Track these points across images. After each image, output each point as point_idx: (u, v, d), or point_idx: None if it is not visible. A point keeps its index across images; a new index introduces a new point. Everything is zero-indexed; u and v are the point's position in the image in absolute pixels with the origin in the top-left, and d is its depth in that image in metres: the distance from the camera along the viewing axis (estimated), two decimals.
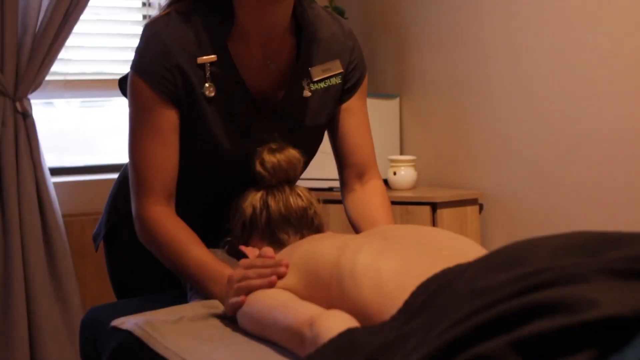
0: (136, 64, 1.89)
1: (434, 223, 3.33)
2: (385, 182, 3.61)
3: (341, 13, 3.87)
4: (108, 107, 3.97)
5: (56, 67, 3.44)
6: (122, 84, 2.06)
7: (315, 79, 1.99)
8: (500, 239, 3.49)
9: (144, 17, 3.81)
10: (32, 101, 3.31)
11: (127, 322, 1.66)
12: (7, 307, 3.21)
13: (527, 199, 3.39)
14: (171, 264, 1.86)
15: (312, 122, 2.03)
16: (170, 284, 2.09)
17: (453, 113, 3.68)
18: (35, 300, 3.24)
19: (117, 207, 2.22)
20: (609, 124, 3.07)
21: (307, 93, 1.99)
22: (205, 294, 1.80)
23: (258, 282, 1.60)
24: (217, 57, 1.88)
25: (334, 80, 2.03)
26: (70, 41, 3.38)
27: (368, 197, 2.08)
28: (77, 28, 3.36)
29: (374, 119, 3.64)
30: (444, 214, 3.35)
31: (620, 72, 3.04)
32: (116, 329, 1.67)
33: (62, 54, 3.38)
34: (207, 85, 1.88)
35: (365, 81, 2.13)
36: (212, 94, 1.89)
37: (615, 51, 3.05)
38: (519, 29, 3.37)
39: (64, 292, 3.33)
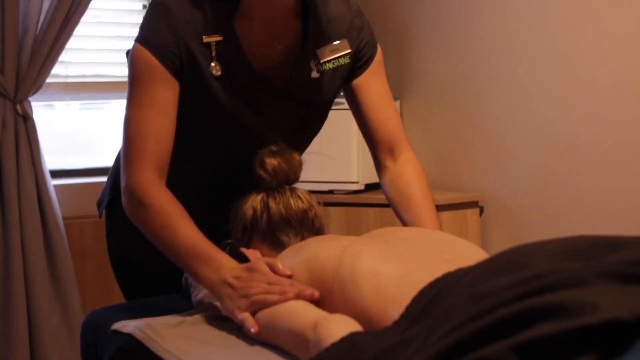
0: (142, 35, 1.88)
1: None
2: None
3: None
4: (108, 110, 3.97)
5: (56, 69, 3.44)
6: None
7: (323, 60, 1.98)
8: (501, 242, 3.49)
9: None
10: (32, 103, 3.31)
11: (128, 325, 1.66)
12: (7, 308, 3.21)
13: (527, 202, 3.39)
14: (158, 240, 1.77)
15: (320, 102, 2.03)
16: (165, 258, 2.10)
17: (453, 115, 3.69)
18: (35, 302, 3.24)
19: (118, 178, 2.22)
20: (610, 125, 3.08)
21: (315, 74, 1.98)
22: (195, 282, 1.79)
23: (275, 298, 1.55)
24: (223, 36, 1.88)
25: (342, 60, 2.01)
26: (70, 43, 3.38)
27: (401, 172, 2.07)
28: (77, 30, 3.36)
29: None
30: (444, 216, 3.35)
31: (621, 73, 3.04)
32: (117, 332, 1.67)
33: (62, 57, 3.38)
34: (213, 64, 1.88)
35: (379, 57, 2.10)
36: (219, 73, 1.88)
37: (615, 51, 3.05)
38: (519, 30, 3.37)
39: (64, 294, 3.33)
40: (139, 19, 3.81)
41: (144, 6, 3.83)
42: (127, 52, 2.07)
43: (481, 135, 3.56)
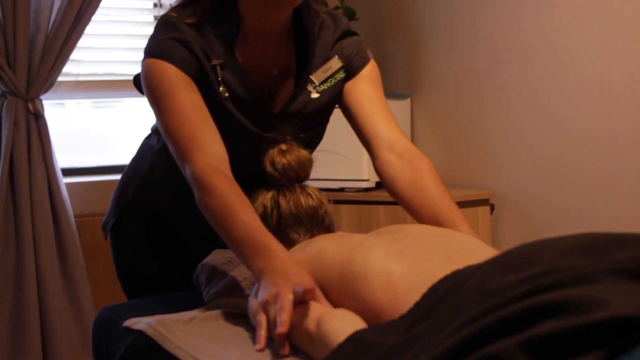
0: (153, 50, 1.87)
1: None
2: None
3: (352, 13, 3.87)
4: (119, 108, 3.98)
5: (68, 67, 3.46)
6: (137, 81, 2.03)
7: (320, 82, 2.00)
8: (512, 240, 3.49)
9: (155, 18, 3.82)
10: (44, 102, 3.32)
11: (140, 322, 1.67)
12: (19, 306, 3.22)
13: (538, 200, 3.39)
14: (217, 224, 1.71)
15: (323, 117, 2.05)
16: (174, 272, 2.12)
17: (464, 113, 3.68)
18: (47, 300, 3.25)
19: (124, 196, 2.24)
20: (622, 123, 3.07)
21: (315, 95, 2.00)
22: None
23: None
24: (226, 60, 1.90)
25: (338, 76, 2.03)
26: (81, 42, 3.40)
27: (412, 166, 2.01)
28: (88, 29, 3.37)
29: None
30: None
31: (634, 70, 3.03)
32: (128, 329, 1.68)
33: (73, 55, 3.39)
34: (221, 88, 1.89)
35: (374, 70, 2.10)
36: (227, 95, 1.90)
37: (628, 49, 3.04)
38: (530, 28, 3.37)
39: (76, 292, 3.35)
40: (149, 17, 3.82)
41: (155, 4, 3.84)
42: (134, 78, 2.06)
43: (492, 133, 3.56)
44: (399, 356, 1.14)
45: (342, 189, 3.49)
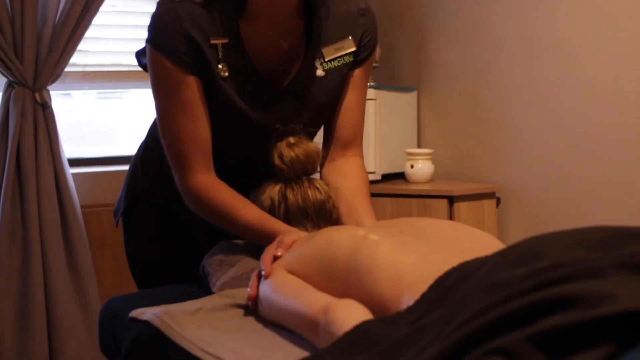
0: (152, 37, 1.91)
1: (451, 216, 3.33)
2: (403, 175, 3.62)
3: None
4: (125, 99, 3.98)
5: (75, 58, 3.46)
6: (139, 57, 2.12)
7: (329, 58, 2.00)
8: (517, 233, 3.49)
9: None
10: (51, 92, 3.33)
11: (146, 313, 1.67)
12: (26, 296, 3.23)
13: (544, 193, 3.39)
14: (225, 228, 1.93)
15: (326, 100, 2.04)
16: (184, 260, 2.13)
17: (471, 106, 3.68)
18: (53, 290, 3.26)
19: (135, 184, 2.25)
20: (627, 117, 3.07)
21: (320, 72, 2.00)
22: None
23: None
24: (229, 38, 1.90)
25: (347, 59, 2.03)
26: (88, 32, 3.40)
27: (351, 168, 2.07)
28: (94, 19, 3.37)
29: (391, 112, 3.66)
30: (461, 207, 3.35)
31: (639, 67, 3.03)
32: (135, 320, 1.68)
33: (80, 45, 3.39)
34: (220, 66, 1.90)
35: (373, 56, 2.14)
36: (226, 74, 1.91)
37: (635, 44, 3.04)
38: (536, 23, 3.37)
39: (82, 283, 3.35)
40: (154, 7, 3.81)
41: None
42: (137, 53, 2.10)
43: (498, 127, 3.56)
44: (405, 348, 1.14)
45: None
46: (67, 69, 3.40)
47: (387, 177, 3.64)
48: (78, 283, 3.35)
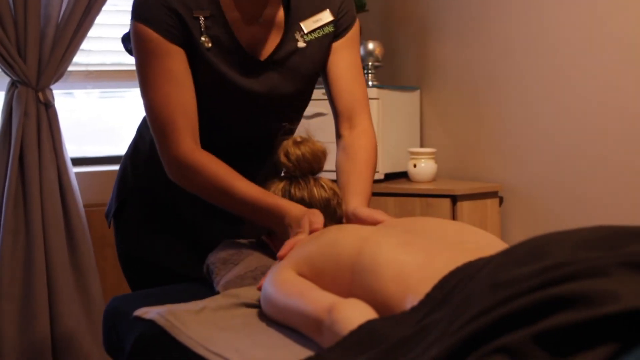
0: (137, 13, 1.96)
1: (453, 215, 3.34)
2: (405, 174, 3.62)
3: (362, 5, 3.87)
4: (127, 98, 3.99)
5: (77, 57, 3.46)
6: (125, 42, 2.16)
7: (308, 31, 2.06)
8: (520, 232, 3.49)
9: None
10: (53, 92, 3.33)
11: (150, 312, 1.67)
12: (29, 295, 3.23)
13: (547, 192, 3.39)
14: (217, 200, 1.91)
15: (310, 70, 2.10)
16: (178, 256, 2.14)
17: (473, 105, 3.68)
18: (56, 289, 3.26)
19: (124, 184, 2.27)
20: (633, 115, 3.06)
21: (302, 44, 2.06)
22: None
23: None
24: (210, 12, 1.96)
25: (327, 29, 2.09)
26: (90, 32, 3.40)
27: (354, 142, 2.10)
28: (97, 19, 3.38)
29: (394, 111, 3.67)
30: (464, 206, 3.35)
31: None
32: (139, 319, 1.69)
33: (83, 45, 3.39)
34: (203, 38, 1.95)
35: (356, 31, 2.17)
36: (209, 45, 1.96)
37: (639, 44, 3.04)
38: (539, 21, 3.37)
39: (85, 282, 3.35)
40: None
41: None
42: (122, 38, 2.15)
43: (501, 126, 3.56)
44: (409, 347, 1.14)
45: None
46: (69, 68, 3.41)
47: (389, 177, 3.65)
48: (81, 282, 3.35)
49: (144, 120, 2.28)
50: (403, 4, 3.99)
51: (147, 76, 1.95)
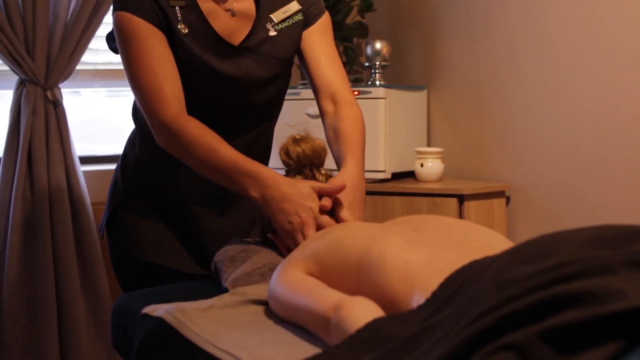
0: (118, 4, 2.03)
1: (460, 215, 3.34)
2: (413, 174, 3.62)
3: (369, 5, 3.88)
4: (133, 97, 3.98)
5: (85, 56, 3.47)
6: (109, 41, 2.24)
7: (278, 21, 2.16)
8: (527, 232, 3.49)
9: None
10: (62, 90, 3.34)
11: (158, 309, 1.68)
12: (37, 294, 3.24)
13: (554, 192, 3.39)
14: (202, 163, 1.94)
15: (283, 54, 2.17)
16: (171, 253, 2.17)
17: (481, 105, 3.68)
18: (64, 288, 3.27)
19: (115, 193, 2.32)
20: (637, 116, 3.06)
21: (272, 32, 2.15)
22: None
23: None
24: (186, 2, 2.05)
25: (296, 18, 2.19)
26: (98, 31, 3.41)
27: (340, 112, 2.14)
28: (105, 18, 3.38)
29: (401, 111, 3.67)
30: (470, 206, 3.35)
31: None
32: (147, 316, 1.69)
33: (91, 44, 3.40)
34: (180, 26, 2.04)
35: (327, 21, 2.26)
36: (186, 31, 2.04)
37: None
38: (546, 20, 3.36)
39: (93, 280, 3.36)
40: None
41: None
42: (107, 37, 2.26)
43: (508, 125, 3.56)
44: (416, 346, 1.15)
45: None
46: (77, 67, 3.41)
47: (396, 176, 3.65)
48: (88, 280, 3.36)
49: (133, 132, 2.36)
50: (410, 3, 3.99)
51: (130, 56, 2.02)
